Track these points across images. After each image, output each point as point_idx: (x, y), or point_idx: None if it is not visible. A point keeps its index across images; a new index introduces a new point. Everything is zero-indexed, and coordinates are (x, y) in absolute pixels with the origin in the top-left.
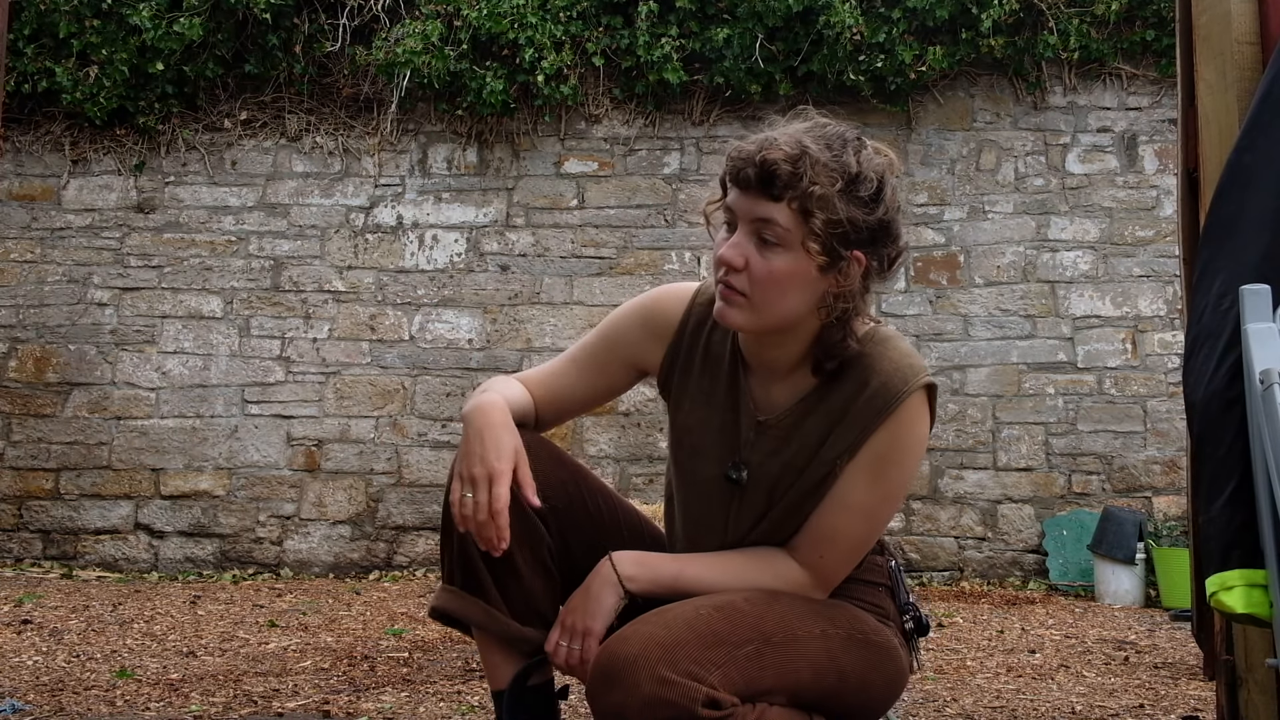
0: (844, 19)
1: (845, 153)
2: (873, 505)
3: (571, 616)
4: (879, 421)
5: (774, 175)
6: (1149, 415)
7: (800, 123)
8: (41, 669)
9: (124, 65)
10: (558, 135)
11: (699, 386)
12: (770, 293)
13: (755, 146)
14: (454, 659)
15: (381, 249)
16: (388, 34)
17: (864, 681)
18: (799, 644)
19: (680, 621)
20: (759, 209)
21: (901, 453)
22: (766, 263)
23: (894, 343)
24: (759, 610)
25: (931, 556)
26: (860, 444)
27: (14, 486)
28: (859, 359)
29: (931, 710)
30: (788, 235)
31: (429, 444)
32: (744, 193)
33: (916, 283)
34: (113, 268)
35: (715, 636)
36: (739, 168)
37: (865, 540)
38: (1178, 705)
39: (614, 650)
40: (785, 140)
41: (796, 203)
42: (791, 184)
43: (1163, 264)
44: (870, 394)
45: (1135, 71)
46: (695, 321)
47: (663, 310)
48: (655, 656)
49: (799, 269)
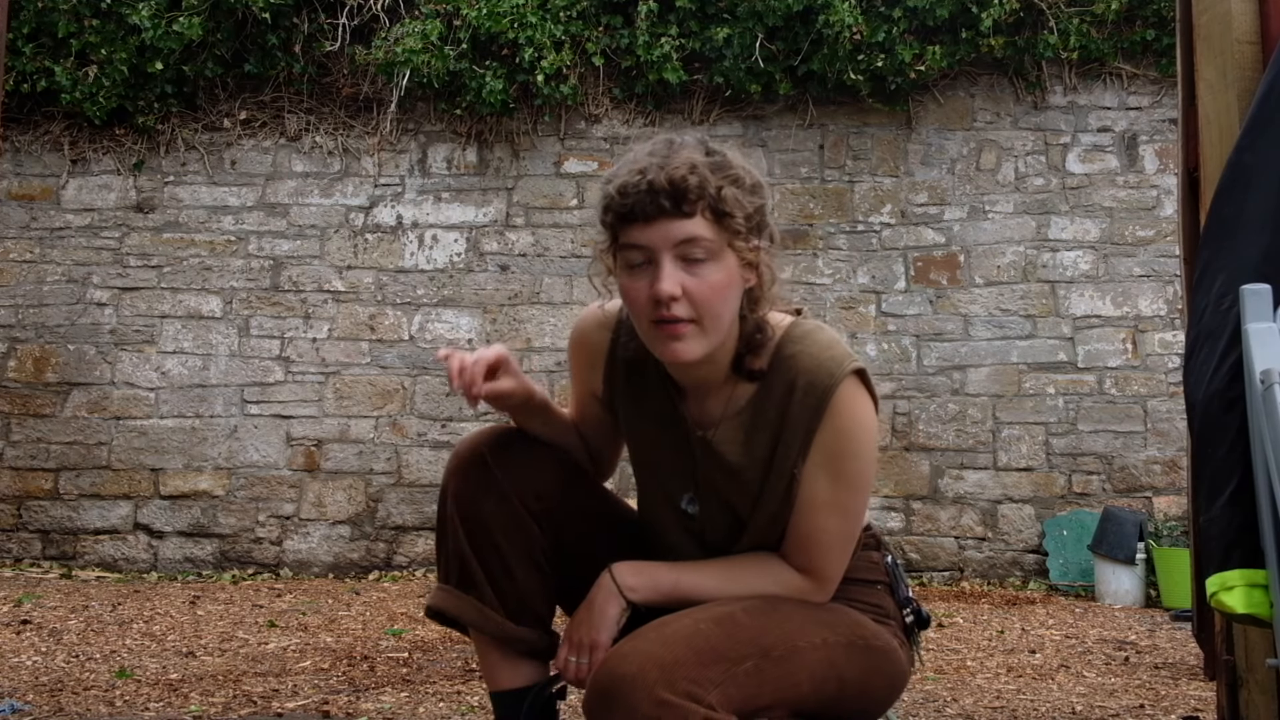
0: (844, 18)
1: (715, 153)
2: (842, 500)
3: (578, 632)
4: (818, 419)
5: (686, 191)
6: (1149, 415)
7: (644, 144)
8: (41, 669)
9: (123, 65)
10: (557, 135)
11: (640, 408)
12: (715, 308)
13: (646, 180)
14: (454, 659)
15: (381, 249)
16: (387, 33)
17: (864, 686)
18: (799, 656)
19: (679, 638)
20: (676, 231)
21: (852, 443)
22: (702, 280)
23: (814, 336)
24: (759, 622)
25: (932, 556)
26: (808, 446)
27: (13, 486)
28: (784, 361)
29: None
30: (713, 245)
31: (429, 444)
32: (651, 223)
33: (916, 283)
34: (112, 268)
35: (714, 653)
36: (638, 203)
37: (848, 535)
38: (1178, 705)
39: (612, 669)
40: (673, 160)
41: (709, 211)
42: (702, 194)
43: (1163, 264)
44: (800, 394)
45: (1135, 71)
46: (624, 344)
47: (589, 338)
48: (653, 677)
49: (730, 274)
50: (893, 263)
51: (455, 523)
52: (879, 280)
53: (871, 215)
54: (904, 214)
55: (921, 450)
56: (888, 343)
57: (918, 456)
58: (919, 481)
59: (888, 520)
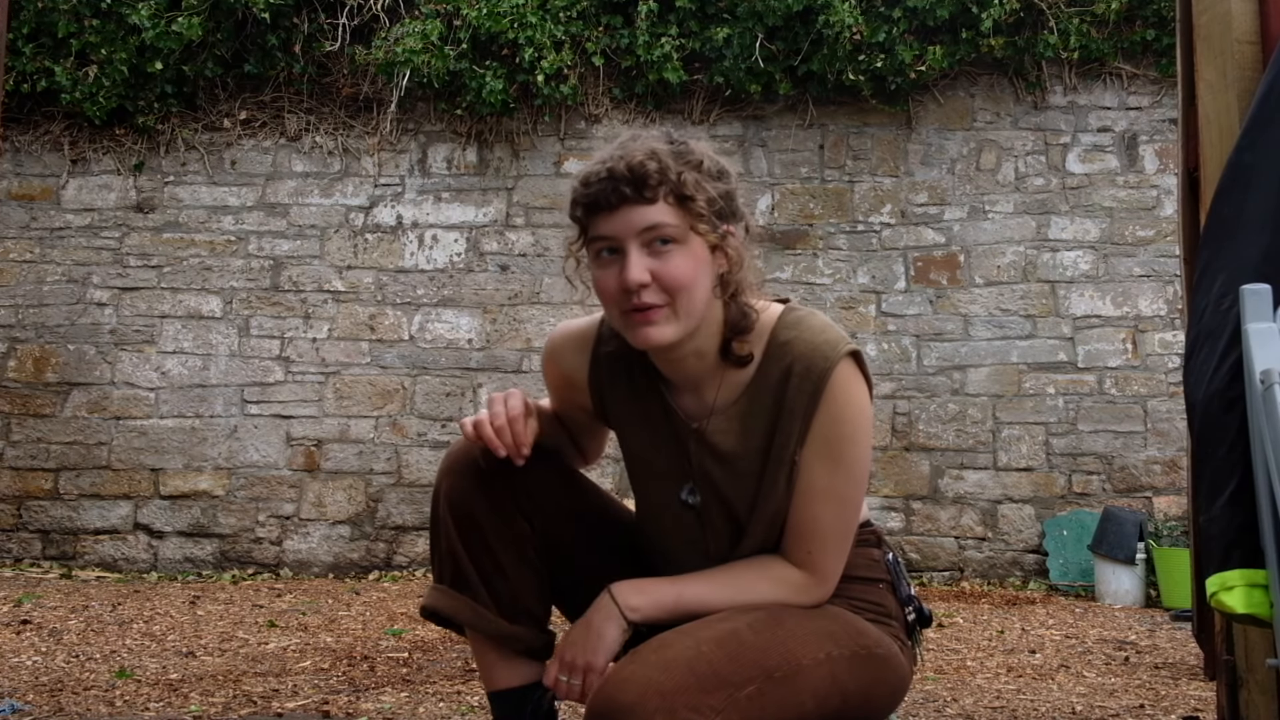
0: (844, 18)
1: (676, 142)
2: (840, 487)
3: (571, 651)
4: (815, 405)
5: (645, 177)
6: (1149, 415)
7: (609, 145)
8: (41, 669)
9: (123, 65)
10: (557, 135)
11: (632, 413)
12: (685, 289)
13: (605, 168)
14: (454, 659)
15: (381, 249)
16: (387, 33)
17: (867, 697)
18: (802, 675)
19: (679, 663)
20: (640, 218)
21: (849, 427)
22: (669, 264)
23: (807, 322)
24: (762, 641)
25: (932, 556)
26: (805, 432)
27: (13, 486)
28: (778, 348)
29: (931, 710)
30: (678, 229)
31: (428, 444)
32: (615, 212)
33: (917, 282)
34: (112, 268)
35: (716, 678)
36: (601, 192)
37: (846, 525)
38: (1178, 705)
39: (610, 695)
40: (633, 149)
41: (672, 196)
42: (663, 179)
43: (1163, 264)
44: (796, 380)
45: (1135, 71)
46: (607, 350)
47: (568, 347)
48: (653, 705)
49: (698, 257)
50: (893, 263)
51: (448, 523)
52: (879, 280)
53: (871, 215)
54: (904, 214)
55: (921, 450)
56: (888, 343)
57: (918, 456)
58: (919, 481)
59: (888, 520)
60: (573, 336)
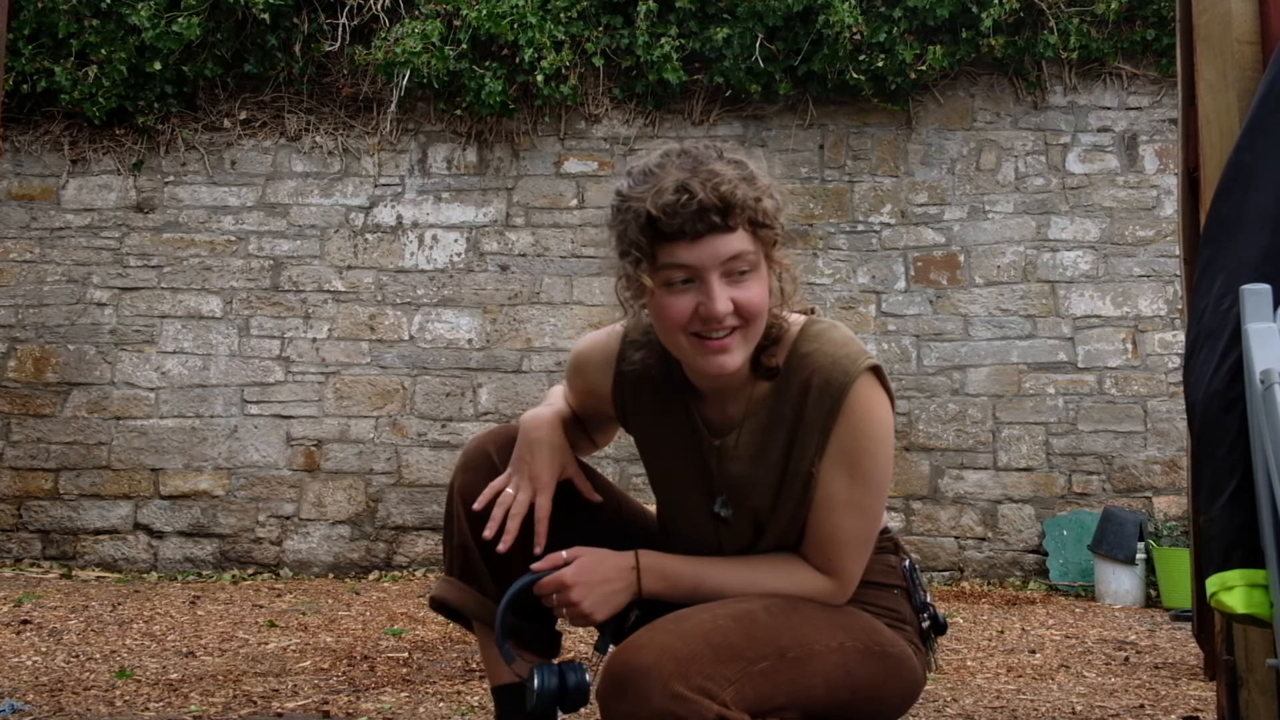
0: (844, 18)
1: (739, 163)
2: (859, 499)
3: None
4: (834, 418)
5: (734, 207)
6: (1149, 415)
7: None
8: (41, 669)
9: (123, 65)
10: (557, 135)
11: (656, 424)
12: (760, 316)
13: (689, 196)
14: (454, 659)
15: (381, 249)
16: (387, 34)
17: (877, 692)
18: (815, 659)
19: (697, 633)
20: (724, 247)
21: (869, 441)
22: (748, 293)
23: (828, 335)
24: (777, 622)
25: (932, 556)
26: (824, 444)
27: (13, 486)
28: (799, 360)
29: (931, 710)
30: (755, 258)
31: (429, 444)
32: (697, 241)
33: (916, 283)
34: (112, 268)
35: (731, 651)
36: (686, 220)
37: (866, 535)
38: (1178, 705)
39: (628, 659)
40: (708, 175)
41: (748, 224)
42: (744, 207)
43: (1163, 264)
44: (816, 394)
45: (1135, 71)
46: (630, 364)
47: (592, 363)
48: (669, 670)
49: (765, 282)
50: (893, 263)
51: (460, 516)
52: (879, 280)
53: (871, 215)
54: (904, 214)
55: (921, 450)
56: (888, 343)
57: (918, 456)
58: (919, 481)
59: (887, 520)
60: (597, 350)
